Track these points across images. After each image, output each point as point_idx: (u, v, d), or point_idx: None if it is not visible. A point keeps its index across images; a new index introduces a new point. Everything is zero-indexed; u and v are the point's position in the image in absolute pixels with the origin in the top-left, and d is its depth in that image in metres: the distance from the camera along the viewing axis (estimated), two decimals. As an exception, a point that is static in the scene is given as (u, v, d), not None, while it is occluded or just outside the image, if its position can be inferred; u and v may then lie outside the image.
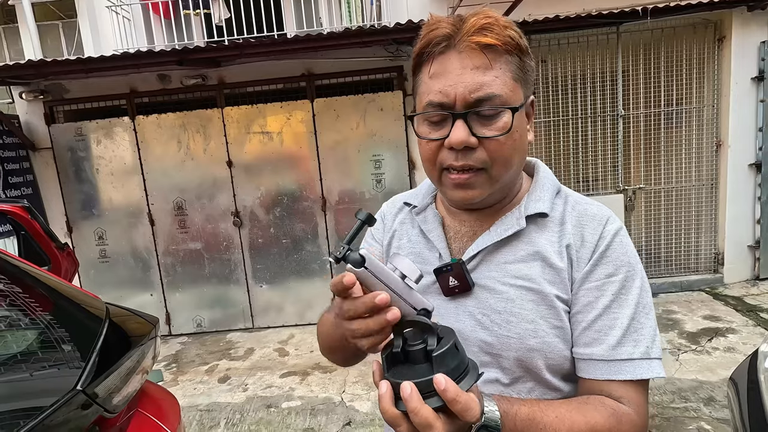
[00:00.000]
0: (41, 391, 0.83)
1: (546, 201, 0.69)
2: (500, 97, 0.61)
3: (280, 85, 4.12)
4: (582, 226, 0.68)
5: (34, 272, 1.09)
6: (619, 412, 0.61)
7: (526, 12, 3.89)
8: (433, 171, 0.68)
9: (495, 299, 0.67)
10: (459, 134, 0.61)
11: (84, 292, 1.21)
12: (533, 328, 0.65)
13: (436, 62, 0.63)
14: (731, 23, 3.97)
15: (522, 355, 0.65)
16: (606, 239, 0.66)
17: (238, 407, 2.98)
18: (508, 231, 0.68)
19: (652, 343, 0.64)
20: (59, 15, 5.59)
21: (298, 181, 4.15)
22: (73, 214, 4.24)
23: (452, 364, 0.48)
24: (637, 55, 4.18)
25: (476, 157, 0.62)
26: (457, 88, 0.61)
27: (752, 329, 3.43)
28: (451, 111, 0.62)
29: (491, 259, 0.69)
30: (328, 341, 0.76)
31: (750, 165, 4.14)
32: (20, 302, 1.01)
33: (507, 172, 0.65)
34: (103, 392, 0.89)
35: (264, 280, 4.28)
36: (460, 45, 0.62)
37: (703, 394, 2.69)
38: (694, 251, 4.40)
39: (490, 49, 0.61)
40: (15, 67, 3.42)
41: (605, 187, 4.32)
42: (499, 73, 0.61)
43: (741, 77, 4.03)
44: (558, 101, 4.23)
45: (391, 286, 0.50)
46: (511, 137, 0.63)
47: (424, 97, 0.64)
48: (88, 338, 0.98)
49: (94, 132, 4.12)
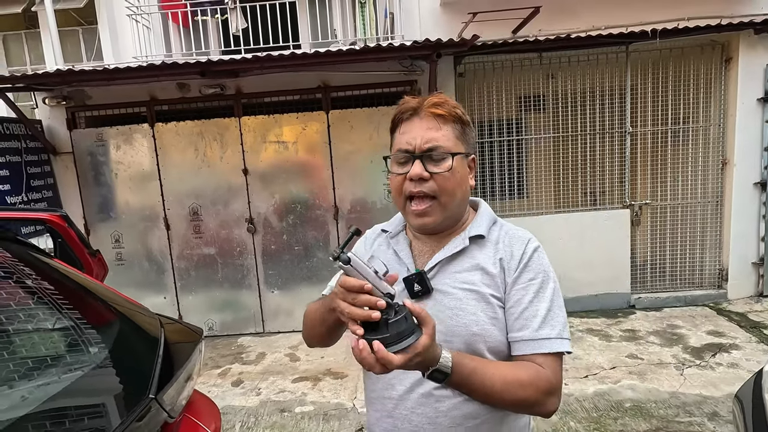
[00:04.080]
0: (117, 397, 0.91)
1: (483, 227, 0.95)
2: (444, 147, 0.89)
3: (296, 96, 4.23)
4: (511, 245, 0.93)
5: (96, 286, 1.18)
6: (540, 371, 0.85)
7: (537, 28, 3.99)
8: (399, 199, 0.93)
9: (448, 299, 0.90)
10: (416, 168, 0.89)
11: (136, 303, 1.30)
12: (475, 319, 0.88)
13: (405, 124, 0.92)
14: (738, 45, 4.07)
15: (467, 340, 0.87)
16: (528, 253, 0.92)
17: (252, 411, 3.06)
18: (456, 248, 0.93)
19: (563, 328, 0.89)
20: (79, 21, 5.73)
21: (311, 189, 4.24)
22: (91, 217, 4.34)
23: (401, 328, 0.74)
24: (645, 74, 4.27)
25: (428, 186, 0.89)
26: (417, 140, 0.89)
27: (755, 345, 3.50)
28: (412, 154, 0.89)
29: (445, 270, 0.93)
30: (314, 323, 0.99)
31: (755, 184, 4.22)
32: (84, 315, 1.09)
33: (452, 201, 0.91)
34: (168, 399, 0.97)
35: (276, 285, 4.36)
36: (421, 113, 0.91)
37: (707, 409, 2.75)
38: (699, 267, 4.47)
39: (440, 117, 0.90)
40: (43, 76, 3.52)
41: (612, 201, 4.41)
42: (445, 132, 0.90)
43: (747, 98, 4.12)
44: (567, 117, 4.33)
45: (367, 277, 0.75)
46: (453, 175, 0.89)
47: (396, 146, 0.93)
48: (150, 348, 1.07)
49: (114, 138, 4.23)
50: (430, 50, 3.47)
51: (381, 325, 0.74)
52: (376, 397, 0.95)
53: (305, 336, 1.07)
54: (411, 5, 4.37)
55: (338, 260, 0.74)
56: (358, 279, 0.75)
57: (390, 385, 0.92)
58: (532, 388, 0.82)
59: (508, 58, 4.19)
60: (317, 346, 1.06)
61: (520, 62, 4.22)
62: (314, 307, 1.00)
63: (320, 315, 0.94)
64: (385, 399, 0.93)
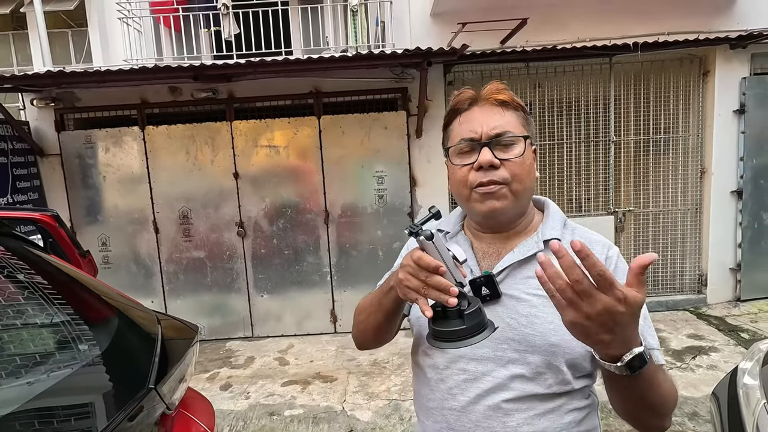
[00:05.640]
0: (117, 386, 0.93)
1: (558, 229, 0.88)
2: (512, 132, 0.83)
3: (288, 101, 4.27)
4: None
5: (94, 282, 1.20)
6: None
7: (524, 39, 4.11)
8: (464, 190, 0.86)
9: (521, 306, 0.82)
10: (486, 155, 0.82)
11: (132, 300, 1.32)
12: (553, 328, 0.79)
13: (465, 114, 0.87)
14: (715, 59, 4.24)
15: (546, 351, 0.79)
16: (613, 259, 0.86)
17: (241, 414, 3.05)
18: (530, 251, 0.85)
19: (656, 337, 0.83)
20: (69, 23, 5.69)
21: (302, 194, 4.27)
22: (78, 220, 4.29)
23: (476, 320, 0.68)
24: (628, 85, 4.42)
25: (499, 174, 0.82)
26: (482, 127, 0.84)
27: (733, 348, 3.61)
28: (479, 142, 0.83)
29: (515, 274, 0.85)
30: (369, 310, 0.91)
31: (732, 192, 4.38)
32: (85, 310, 1.11)
33: (524, 190, 0.84)
34: (167, 390, 1.00)
35: (265, 289, 4.36)
36: (481, 101, 0.86)
37: (687, 410, 2.84)
38: (680, 272, 4.61)
39: (503, 104, 0.85)
40: (33, 77, 3.51)
41: (597, 208, 4.52)
42: (510, 118, 0.85)
43: (724, 110, 4.29)
44: (553, 125, 4.44)
45: (445, 259, 0.70)
46: (524, 162, 0.83)
47: (457, 136, 0.86)
48: (148, 343, 1.09)
49: (103, 140, 4.21)
50: (421, 58, 3.54)
51: (452, 315, 0.68)
52: (434, 407, 0.86)
53: (356, 333, 0.97)
54: (402, 15, 4.45)
55: (418, 235, 0.68)
56: (433, 256, 0.69)
57: (451, 395, 0.83)
58: (674, 397, 0.74)
59: (497, 68, 4.30)
60: (371, 344, 0.95)
61: (508, 72, 4.33)
62: (368, 297, 0.92)
63: (377, 299, 0.86)
64: (446, 410, 0.84)
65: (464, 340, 0.67)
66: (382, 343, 0.96)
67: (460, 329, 0.67)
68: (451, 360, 0.84)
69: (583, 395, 0.84)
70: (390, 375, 3.46)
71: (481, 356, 0.82)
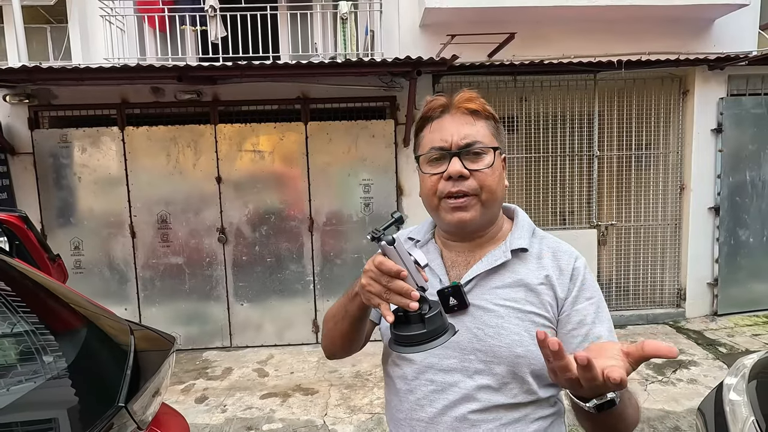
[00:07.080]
0: (85, 402, 0.85)
1: (526, 239, 0.88)
2: (482, 142, 0.83)
3: (275, 106, 4.21)
4: (557, 260, 0.86)
5: (62, 290, 1.11)
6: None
7: (511, 53, 4.17)
8: (433, 200, 0.85)
9: (488, 316, 0.82)
10: (456, 165, 0.82)
11: (104, 309, 1.23)
12: (519, 340, 0.80)
13: (436, 122, 0.86)
14: (694, 79, 4.38)
15: (511, 362, 0.80)
16: (580, 270, 0.85)
17: (216, 429, 2.92)
18: (498, 261, 0.85)
19: (610, 325, 0.84)
20: (48, 19, 5.52)
21: (286, 200, 4.19)
22: (49, 222, 4.11)
23: (437, 324, 0.69)
24: (611, 101, 4.52)
25: (468, 184, 0.82)
26: (452, 137, 0.83)
27: (712, 362, 3.67)
28: (449, 151, 0.83)
29: (483, 284, 0.85)
30: (335, 318, 0.89)
31: (709, 208, 4.49)
32: (49, 319, 1.03)
33: (493, 199, 0.84)
34: (138, 408, 0.92)
35: (245, 298, 4.24)
36: (453, 110, 0.85)
37: (669, 424, 2.84)
38: (660, 286, 4.68)
39: (474, 113, 0.85)
40: (7, 72, 3.36)
41: (580, 221, 4.57)
42: (480, 128, 0.85)
43: (702, 128, 4.42)
44: (539, 138, 4.49)
45: (406, 263, 0.70)
46: (493, 172, 0.84)
47: (428, 145, 0.86)
48: (119, 355, 1.01)
49: (80, 140, 4.05)
50: (411, 67, 3.54)
51: (413, 319, 0.68)
52: (403, 418, 0.87)
53: (325, 343, 0.96)
54: (391, 24, 4.46)
55: (380, 240, 0.69)
56: (395, 261, 0.69)
57: (419, 406, 0.84)
58: (638, 417, 0.75)
59: (484, 80, 4.34)
60: (339, 352, 0.94)
61: (496, 84, 4.37)
62: (335, 304, 0.92)
63: (343, 306, 0.86)
64: (414, 420, 0.85)
65: (424, 344, 0.67)
66: (351, 352, 0.95)
67: (420, 333, 0.67)
68: (419, 371, 0.85)
69: (549, 403, 0.85)
70: (373, 387, 3.38)
71: (448, 367, 0.83)
